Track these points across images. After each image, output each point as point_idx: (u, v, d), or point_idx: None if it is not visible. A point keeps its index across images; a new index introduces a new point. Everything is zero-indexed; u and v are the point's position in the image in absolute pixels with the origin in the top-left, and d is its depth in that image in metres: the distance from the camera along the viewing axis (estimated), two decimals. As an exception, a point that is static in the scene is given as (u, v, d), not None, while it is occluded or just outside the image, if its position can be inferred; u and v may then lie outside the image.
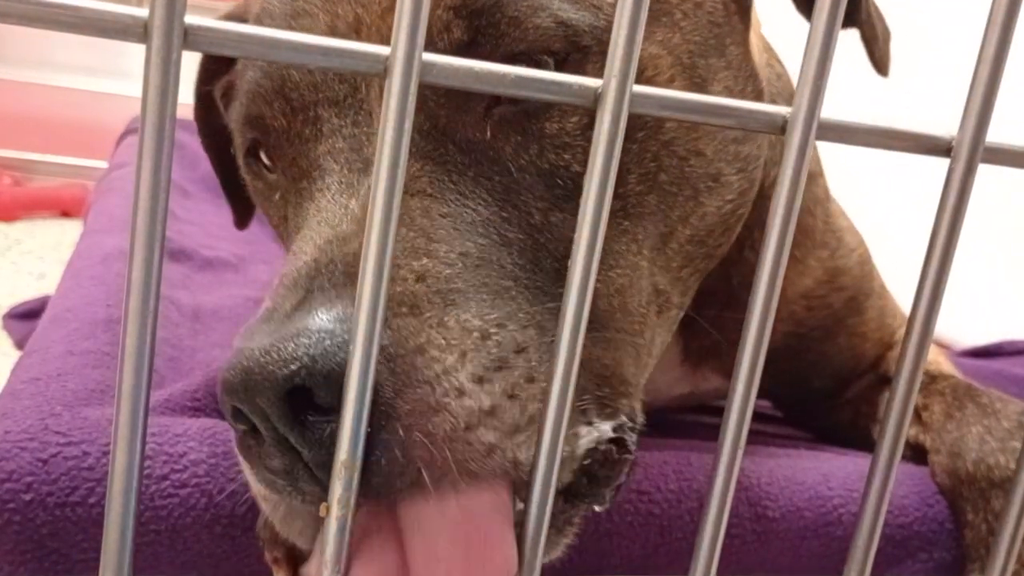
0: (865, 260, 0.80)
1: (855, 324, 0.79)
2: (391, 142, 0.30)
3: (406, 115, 0.30)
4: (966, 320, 1.38)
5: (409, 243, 0.42)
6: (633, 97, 0.32)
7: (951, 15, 1.39)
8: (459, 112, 0.47)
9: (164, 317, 0.81)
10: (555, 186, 0.47)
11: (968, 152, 0.35)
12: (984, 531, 0.63)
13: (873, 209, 1.25)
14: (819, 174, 0.77)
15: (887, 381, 0.79)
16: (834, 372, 0.81)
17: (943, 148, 0.36)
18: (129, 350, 0.30)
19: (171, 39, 0.28)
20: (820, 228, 0.75)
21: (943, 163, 0.36)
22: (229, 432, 0.57)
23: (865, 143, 0.35)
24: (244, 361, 0.36)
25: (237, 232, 1.32)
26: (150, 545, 0.52)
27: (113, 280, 0.83)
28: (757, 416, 0.81)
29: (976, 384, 0.73)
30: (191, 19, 0.28)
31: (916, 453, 0.70)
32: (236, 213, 0.86)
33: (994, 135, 0.36)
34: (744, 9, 0.58)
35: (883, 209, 1.54)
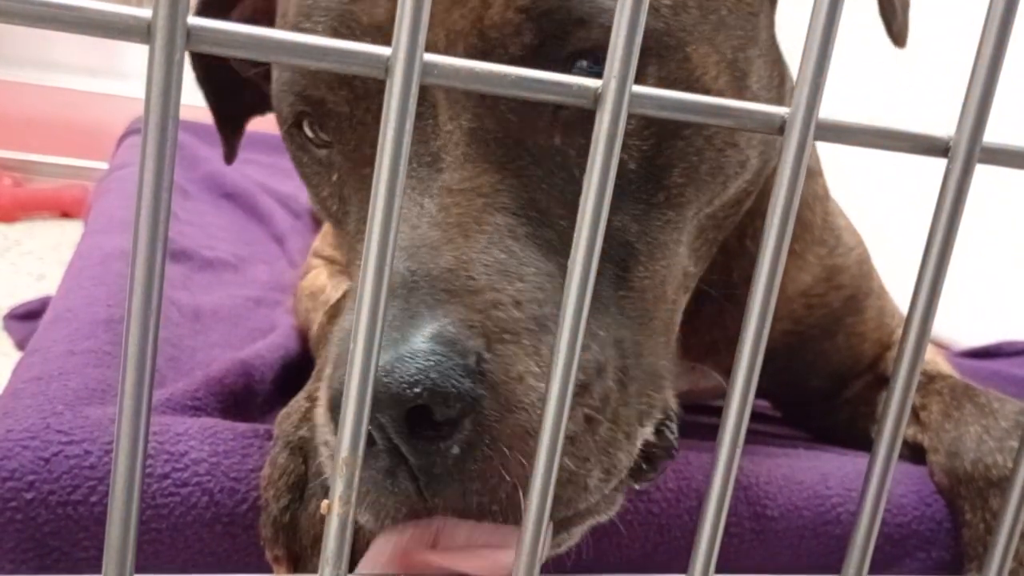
0: (864, 260, 0.80)
1: (854, 324, 0.79)
2: (391, 142, 0.30)
3: (407, 115, 0.30)
4: (965, 321, 1.38)
5: (503, 266, 0.44)
6: (632, 97, 0.32)
7: (949, 15, 1.39)
8: (529, 116, 0.48)
9: (165, 317, 0.82)
10: (613, 185, 0.49)
11: (965, 152, 0.35)
12: (982, 530, 0.63)
13: (871, 209, 1.25)
14: (819, 173, 0.77)
15: (885, 381, 0.79)
16: (832, 372, 0.81)
17: (940, 148, 0.36)
18: (131, 349, 0.30)
19: (174, 39, 0.28)
20: (819, 224, 0.76)
21: (941, 163, 0.36)
22: (229, 431, 0.57)
23: (863, 143, 0.36)
24: None
25: (237, 233, 1.33)
26: (152, 543, 0.52)
27: (114, 280, 0.83)
28: (756, 416, 0.81)
29: (974, 384, 0.73)
30: (194, 19, 0.28)
31: (914, 453, 0.70)
32: (227, 147, 0.85)
33: (992, 135, 0.36)
34: None
35: (881, 209, 1.54)
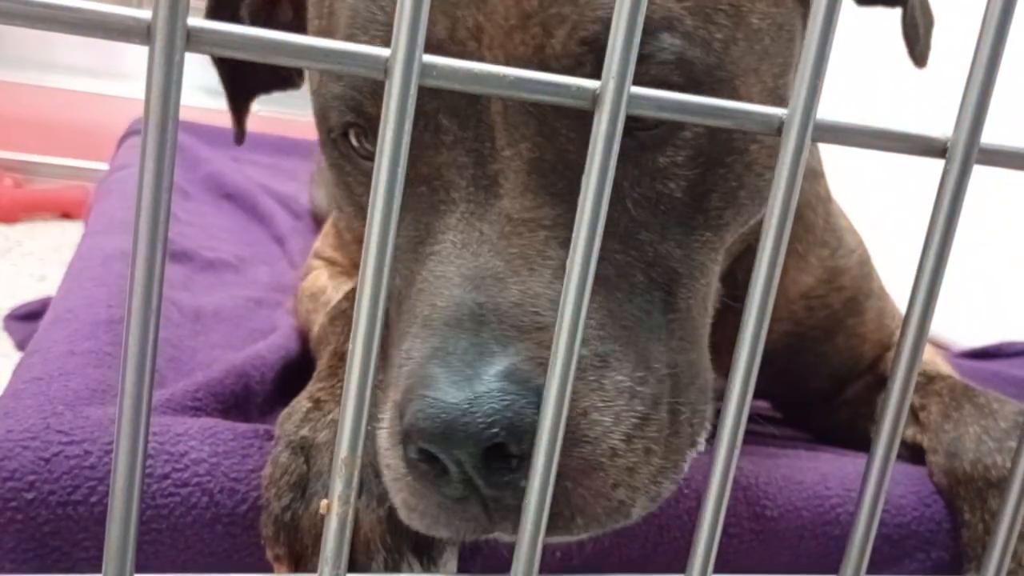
0: (864, 261, 0.80)
1: (854, 325, 0.79)
2: (391, 142, 0.30)
3: (406, 116, 0.30)
4: (964, 322, 1.38)
5: None
6: (631, 98, 0.32)
7: (947, 16, 1.39)
8: (586, 146, 0.48)
9: (165, 318, 0.82)
10: (659, 213, 0.50)
11: (963, 153, 0.35)
12: (981, 531, 0.63)
13: (870, 210, 1.25)
14: (820, 174, 0.77)
15: (885, 382, 0.79)
16: (832, 373, 0.81)
17: (938, 149, 0.36)
18: (132, 350, 0.30)
19: (174, 40, 0.28)
20: (821, 226, 0.76)
21: (938, 163, 0.36)
22: (230, 431, 0.58)
23: (861, 144, 0.36)
24: (442, 414, 0.40)
25: (238, 234, 1.33)
26: (152, 543, 0.52)
27: (114, 281, 0.83)
28: (755, 416, 0.81)
29: (973, 385, 0.73)
30: (194, 21, 0.28)
31: (914, 453, 0.70)
32: (238, 127, 0.85)
33: (989, 136, 0.36)
34: (807, 10, 0.58)
35: (879, 210, 1.54)
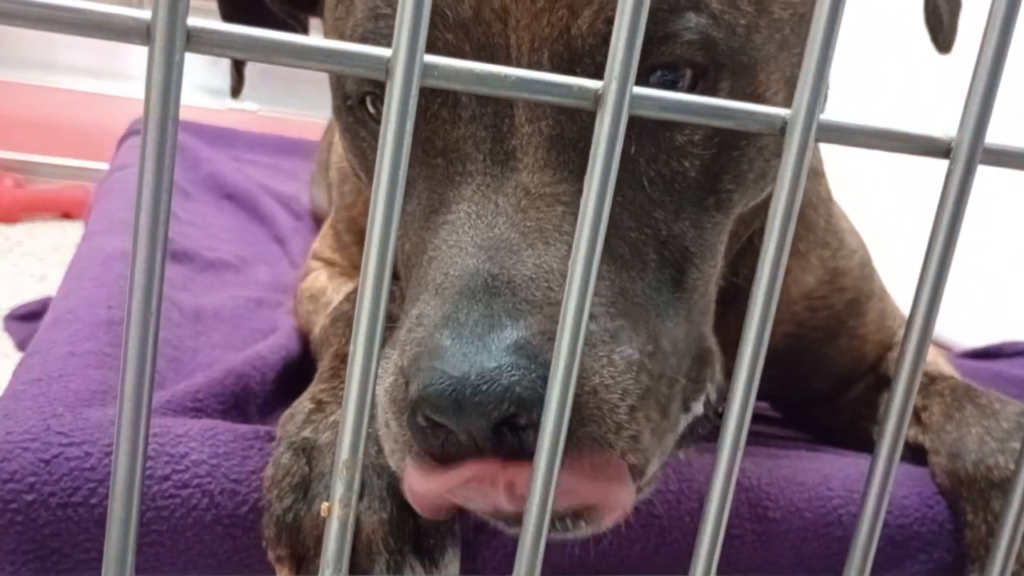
0: (866, 262, 0.80)
1: (855, 326, 0.79)
2: (392, 143, 0.30)
3: (407, 116, 0.30)
4: (966, 322, 1.38)
5: None
6: (633, 98, 0.32)
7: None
8: None
9: (165, 318, 0.82)
10: (674, 192, 0.51)
11: (967, 154, 0.35)
12: (984, 532, 0.63)
13: (872, 210, 1.25)
14: (822, 174, 0.77)
15: (887, 382, 0.79)
16: (834, 374, 0.81)
17: (942, 150, 0.36)
18: (131, 351, 0.30)
19: (174, 41, 0.28)
20: (822, 226, 0.76)
21: (941, 164, 0.36)
22: (230, 433, 0.57)
23: (864, 144, 0.36)
24: (452, 387, 0.40)
25: (238, 234, 1.33)
26: (152, 545, 0.52)
27: (114, 281, 0.83)
28: (757, 417, 0.81)
29: (975, 385, 0.73)
30: (193, 21, 0.28)
31: (916, 454, 0.70)
32: (237, 79, 0.83)
33: (993, 136, 0.36)
34: None
35: (882, 210, 1.54)
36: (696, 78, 0.50)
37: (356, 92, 0.55)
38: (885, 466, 0.38)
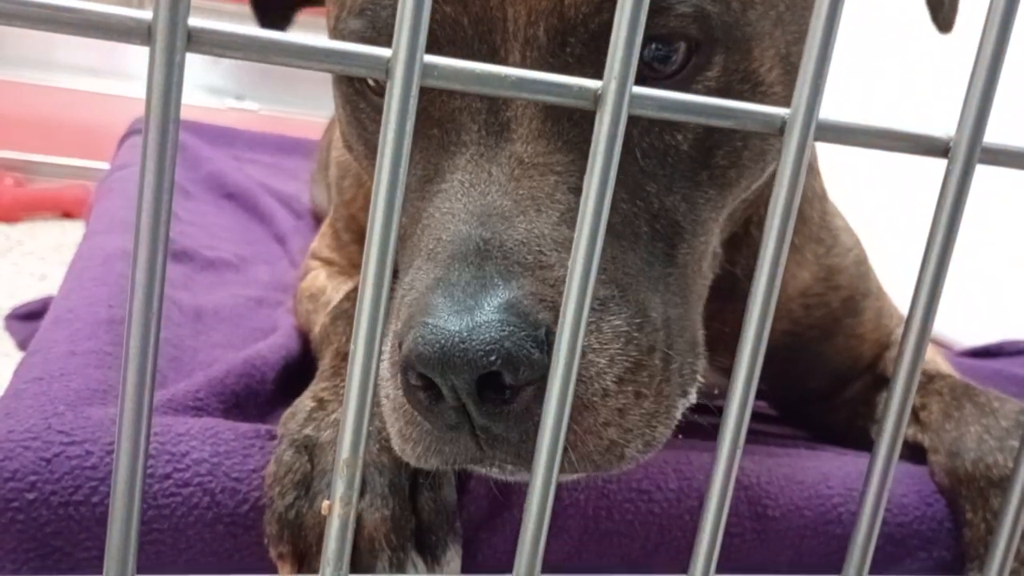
0: (861, 261, 0.80)
1: (852, 325, 0.79)
2: (392, 142, 0.30)
3: (407, 116, 0.30)
4: (965, 320, 1.38)
5: (571, 244, 0.46)
6: (633, 98, 0.32)
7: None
8: None
9: (166, 317, 0.82)
10: (666, 165, 0.51)
11: (965, 153, 0.35)
12: (983, 530, 0.63)
13: (869, 209, 1.25)
14: (817, 171, 0.77)
15: (884, 381, 0.80)
16: (831, 373, 0.81)
17: (941, 149, 0.36)
18: (133, 350, 0.30)
19: (174, 41, 0.28)
20: (816, 222, 0.76)
21: (938, 163, 0.36)
22: (231, 431, 0.58)
23: (863, 144, 0.36)
24: (441, 340, 0.41)
25: (239, 233, 1.33)
26: (153, 544, 0.52)
27: (115, 281, 0.83)
28: (757, 416, 0.81)
29: (974, 383, 0.73)
30: (194, 21, 0.28)
31: (915, 453, 0.70)
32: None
33: (992, 136, 0.36)
34: None
35: (879, 209, 1.54)
36: (690, 52, 0.50)
37: None
38: (884, 464, 0.38)
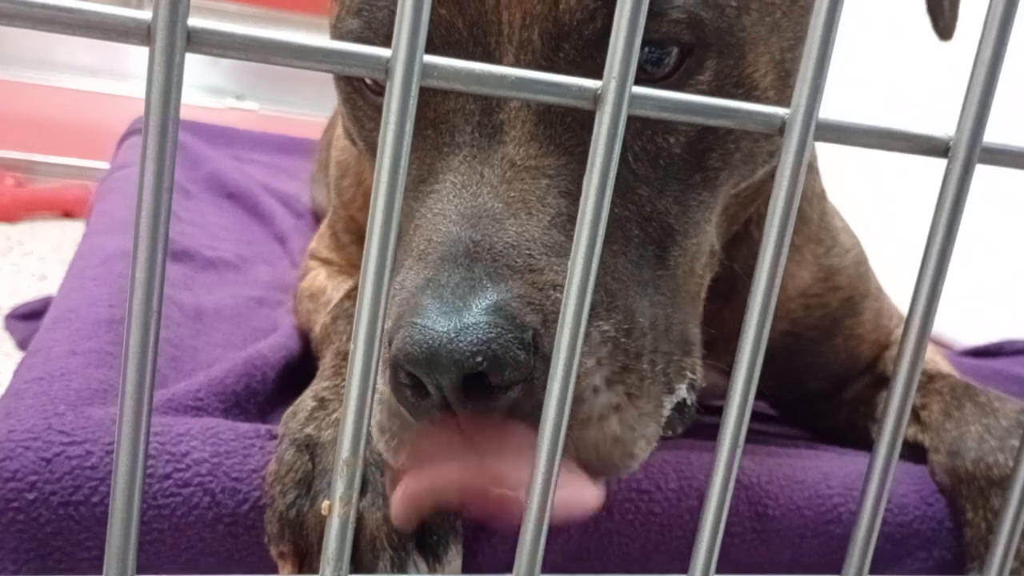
0: (861, 261, 0.80)
1: (852, 326, 0.79)
2: (392, 143, 0.30)
3: (407, 116, 0.30)
4: (966, 320, 1.38)
5: (562, 248, 0.46)
6: (632, 98, 0.32)
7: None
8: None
9: (166, 317, 0.82)
10: (658, 168, 0.51)
11: (965, 153, 0.35)
12: (984, 529, 0.63)
13: (868, 209, 1.25)
14: (816, 170, 0.77)
15: (884, 381, 0.80)
16: (830, 373, 0.81)
17: (940, 149, 0.36)
18: (133, 349, 0.30)
19: (174, 42, 0.28)
20: (816, 221, 0.76)
21: (938, 162, 0.36)
22: (231, 431, 0.58)
23: (863, 144, 0.36)
24: (429, 340, 0.41)
25: (239, 233, 1.33)
26: (153, 544, 0.52)
27: (115, 280, 0.83)
28: (757, 415, 0.81)
29: (974, 383, 0.73)
30: (194, 21, 0.28)
31: (915, 452, 0.70)
32: None
33: (992, 136, 0.36)
34: None
35: (878, 209, 1.54)
36: (683, 56, 0.50)
37: None
38: (884, 464, 0.38)
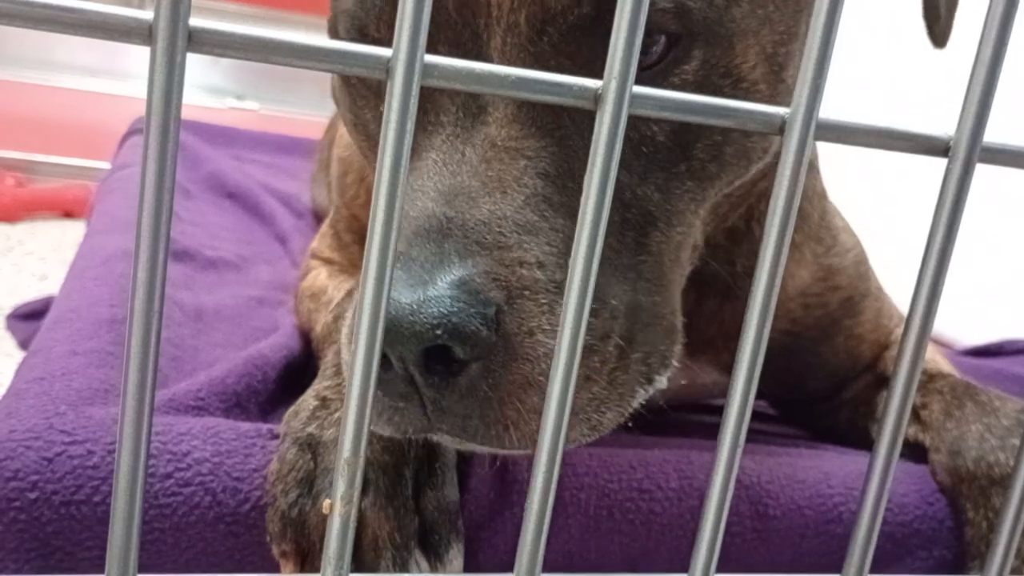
0: (861, 261, 0.80)
1: (851, 326, 0.79)
2: (392, 142, 0.30)
3: (408, 116, 0.30)
4: (966, 319, 1.38)
5: (534, 228, 0.47)
6: (633, 97, 0.32)
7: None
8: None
9: (167, 317, 0.82)
10: (641, 155, 0.51)
11: (965, 152, 0.35)
12: (984, 528, 0.63)
13: (868, 208, 1.25)
14: (817, 169, 0.77)
15: (885, 381, 0.80)
16: (830, 373, 0.81)
17: (941, 148, 0.36)
18: (134, 349, 0.30)
19: (175, 41, 0.28)
20: (816, 220, 0.76)
21: (938, 162, 0.36)
22: (232, 431, 0.58)
23: (863, 143, 0.36)
24: (392, 311, 0.41)
25: (239, 232, 1.33)
26: (154, 543, 0.52)
27: (116, 280, 0.83)
28: (757, 415, 0.81)
29: (975, 382, 0.73)
30: (195, 21, 0.28)
31: (915, 452, 0.70)
32: None
33: (992, 135, 0.36)
34: None
35: (878, 208, 1.54)
36: (670, 45, 0.50)
37: (348, 39, 0.55)
38: (884, 463, 0.38)
